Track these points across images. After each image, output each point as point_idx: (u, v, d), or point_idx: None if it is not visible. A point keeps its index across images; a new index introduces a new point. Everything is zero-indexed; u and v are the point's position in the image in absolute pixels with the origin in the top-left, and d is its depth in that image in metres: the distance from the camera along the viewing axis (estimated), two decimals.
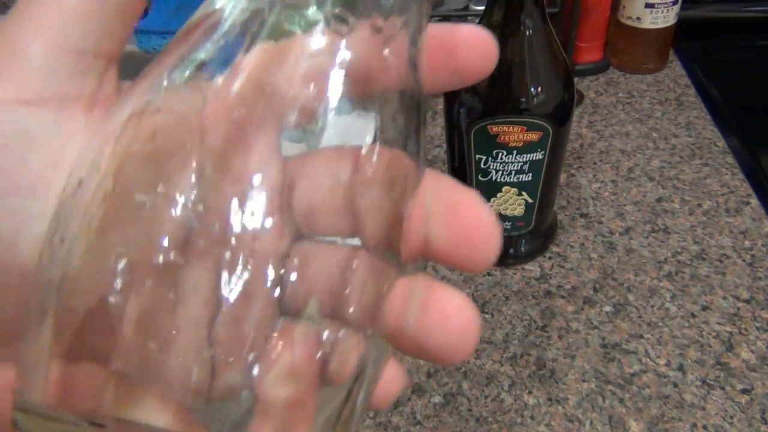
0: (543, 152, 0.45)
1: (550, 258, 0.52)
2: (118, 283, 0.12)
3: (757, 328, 0.45)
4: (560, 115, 0.44)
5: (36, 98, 0.13)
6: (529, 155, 0.45)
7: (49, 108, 0.13)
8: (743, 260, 0.51)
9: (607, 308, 0.48)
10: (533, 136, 0.44)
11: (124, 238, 0.12)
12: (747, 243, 0.52)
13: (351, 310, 0.13)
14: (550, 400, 0.42)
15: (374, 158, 0.14)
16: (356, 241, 0.14)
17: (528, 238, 0.51)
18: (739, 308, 0.47)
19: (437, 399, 0.42)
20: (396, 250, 0.14)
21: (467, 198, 0.15)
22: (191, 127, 0.13)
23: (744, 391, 0.42)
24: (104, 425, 0.11)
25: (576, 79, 0.70)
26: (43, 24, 0.14)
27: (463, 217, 0.15)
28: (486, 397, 0.42)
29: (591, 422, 0.40)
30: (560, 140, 0.45)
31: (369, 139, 0.14)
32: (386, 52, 0.14)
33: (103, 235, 0.12)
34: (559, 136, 0.44)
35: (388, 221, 0.14)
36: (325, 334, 0.13)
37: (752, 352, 0.44)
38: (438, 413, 0.42)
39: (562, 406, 0.42)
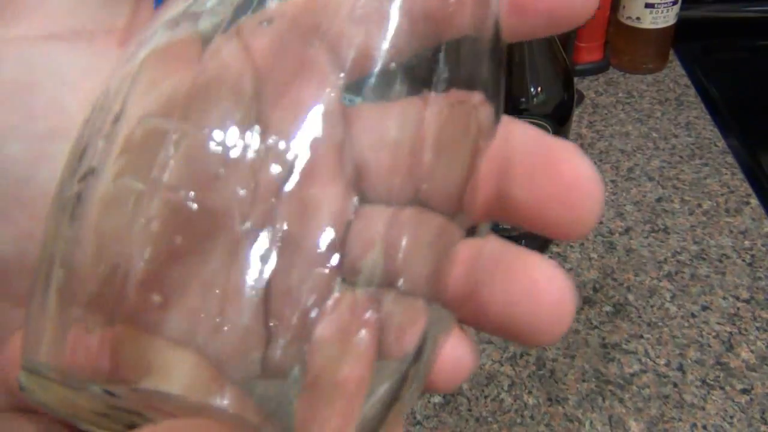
0: None
1: (550, 258, 0.52)
2: (151, 236, 0.10)
3: (757, 328, 0.45)
4: (560, 115, 0.44)
5: (66, 32, 0.12)
6: None
7: (81, 43, 0.12)
8: (743, 260, 0.51)
9: (607, 308, 0.48)
10: None
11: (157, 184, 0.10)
12: (747, 243, 0.52)
13: (410, 274, 0.11)
14: (549, 400, 0.42)
15: (441, 106, 0.12)
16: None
17: (528, 238, 0.51)
18: (739, 308, 0.47)
19: (437, 399, 0.42)
20: (462, 208, 0.12)
21: (561, 149, 0.13)
22: (237, 70, 0.11)
23: (744, 391, 0.42)
24: (116, 394, 0.10)
25: (576, 79, 0.70)
26: None
27: (556, 173, 0.12)
28: (486, 397, 0.42)
29: (591, 422, 0.40)
30: None
31: (435, 86, 0.12)
32: None
33: (129, 179, 0.11)
34: (559, 136, 0.44)
35: (454, 175, 0.12)
36: (384, 302, 0.11)
37: (752, 352, 0.44)
38: (438, 413, 0.42)
39: (562, 406, 0.41)
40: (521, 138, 0.13)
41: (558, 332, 0.12)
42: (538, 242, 0.52)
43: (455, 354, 0.13)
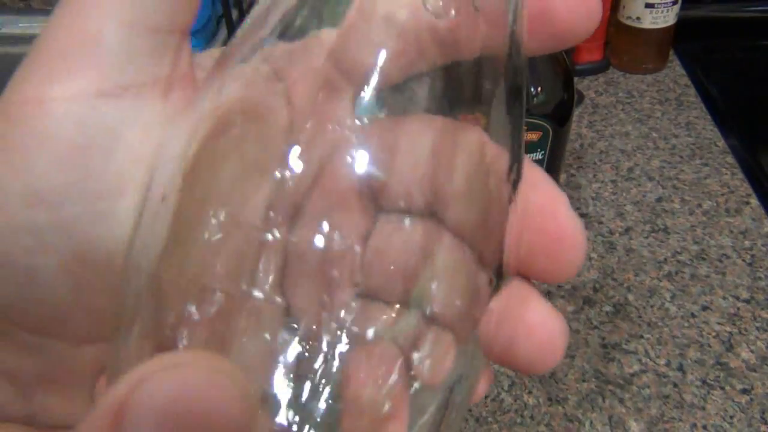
0: (543, 152, 0.45)
1: None
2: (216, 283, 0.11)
3: (757, 328, 0.45)
4: (560, 115, 0.44)
5: (115, 88, 0.12)
6: (529, 155, 0.45)
7: (128, 98, 0.13)
8: (743, 260, 0.51)
9: (607, 308, 0.48)
10: (533, 136, 0.44)
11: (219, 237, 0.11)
12: (747, 243, 0.52)
13: (449, 311, 0.12)
14: (549, 400, 0.42)
15: (465, 134, 0.12)
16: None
17: None
18: (739, 308, 0.47)
19: None
20: (500, 261, 0.13)
21: (551, 201, 0.14)
22: (274, 108, 0.12)
23: (744, 391, 0.42)
24: None
25: (576, 79, 0.70)
26: (114, 2, 0.12)
27: (544, 228, 0.14)
28: (486, 397, 0.42)
29: (591, 422, 0.40)
30: (560, 140, 0.45)
31: (459, 109, 0.13)
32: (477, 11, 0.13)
33: (195, 234, 0.12)
34: (559, 136, 0.44)
35: (477, 205, 0.13)
36: (421, 333, 0.12)
37: (752, 352, 0.44)
38: None
39: (562, 406, 0.41)
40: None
41: (550, 365, 0.14)
42: None
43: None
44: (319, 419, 0.11)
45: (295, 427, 0.11)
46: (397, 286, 0.12)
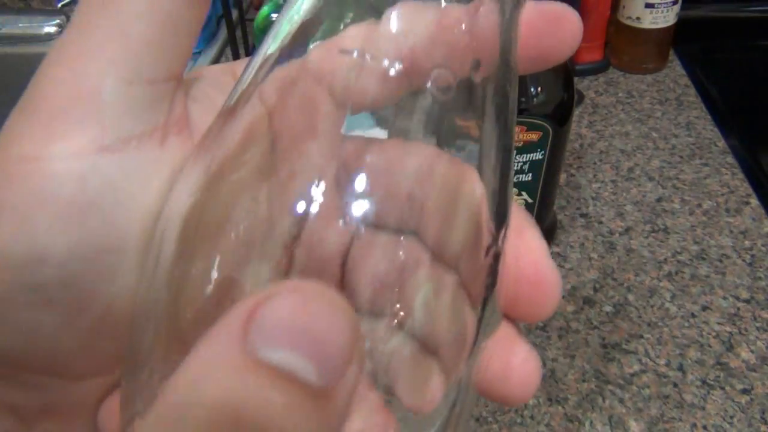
0: (543, 152, 0.45)
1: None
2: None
3: (757, 328, 0.45)
4: (560, 115, 0.44)
5: (116, 142, 0.12)
6: (529, 155, 0.45)
7: (129, 151, 0.13)
8: (743, 260, 0.51)
9: (607, 308, 0.48)
10: (533, 136, 0.44)
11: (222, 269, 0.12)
12: (747, 243, 0.52)
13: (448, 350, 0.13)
14: (550, 400, 0.42)
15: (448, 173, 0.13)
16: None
17: None
18: (739, 308, 0.47)
19: None
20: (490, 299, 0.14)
21: (534, 250, 0.15)
22: (261, 155, 0.13)
23: (744, 391, 0.42)
24: None
25: (576, 79, 0.70)
26: (111, 56, 0.12)
27: (524, 272, 0.15)
28: None
29: (591, 422, 0.40)
30: (560, 140, 0.45)
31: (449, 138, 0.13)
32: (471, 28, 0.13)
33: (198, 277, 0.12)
34: (559, 136, 0.44)
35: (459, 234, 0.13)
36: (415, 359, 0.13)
37: (752, 352, 0.44)
38: None
39: (562, 406, 0.41)
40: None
41: (526, 399, 0.15)
42: None
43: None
44: None
45: None
46: (392, 306, 0.13)
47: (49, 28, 0.69)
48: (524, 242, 0.15)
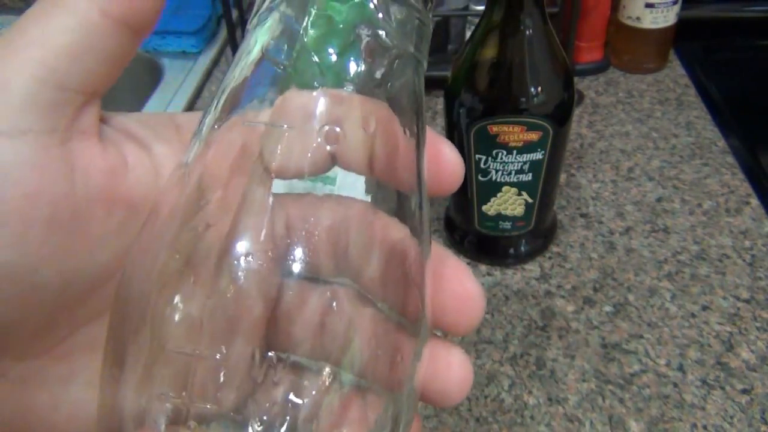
0: (543, 152, 0.45)
1: (550, 258, 0.52)
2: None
3: (757, 328, 0.45)
4: (560, 115, 0.44)
5: (13, 130, 0.13)
6: (529, 155, 0.45)
7: (26, 141, 0.13)
8: (743, 260, 0.51)
9: (607, 308, 0.48)
10: (533, 136, 0.44)
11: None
12: (747, 243, 0.52)
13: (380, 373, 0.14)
14: (550, 400, 0.42)
15: (376, 220, 0.15)
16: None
17: (528, 238, 0.51)
18: (739, 308, 0.47)
19: None
20: (416, 316, 0.15)
21: (459, 272, 0.17)
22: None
23: (744, 391, 0.42)
24: None
25: (576, 79, 0.70)
26: (29, 56, 0.14)
27: (455, 290, 0.17)
28: (486, 397, 0.42)
29: (591, 422, 0.40)
30: (560, 140, 0.45)
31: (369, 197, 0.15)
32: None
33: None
34: (559, 136, 0.44)
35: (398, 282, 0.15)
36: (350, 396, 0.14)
37: (752, 352, 0.44)
38: (438, 413, 0.42)
39: (562, 406, 0.42)
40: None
41: (460, 399, 0.17)
42: (538, 243, 0.52)
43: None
44: None
45: None
46: (326, 351, 0.14)
47: None
48: (447, 265, 0.17)
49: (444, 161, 0.17)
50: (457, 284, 0.17)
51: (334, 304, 0.14)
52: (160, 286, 0.13)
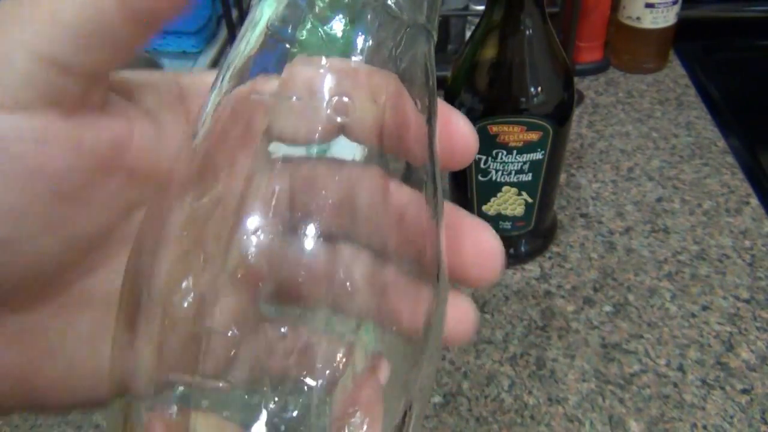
0: (543, 152, 0.45)
1: (550, 258, 0.52)
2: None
3: (757, 328, 0.45)
4: (560, 115, 0.44)
5: (12, 103, 0.13)
6: (529, 155, 0.45)
7: (29, 116, 0.13)
8: (743, 260, 0.51)
9: (607, 308, 0.48)
10: (533, 136, 0.44)
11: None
12: (747, 243, 0.52)
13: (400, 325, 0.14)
14: (550, 400, 0.42)
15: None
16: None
17: (528, 238, 0.51)
18: (739, 308, 0.47)
19: (437, 399, 0.42)
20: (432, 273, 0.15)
21: (479, 228, 0.17)
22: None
23: (744, 391, 0.42)
24: None
25: (576, 79, 0.70)
26: (35, 30, 0.13)
27: (468, 242, 0.17)
28: (486, 397, 0.42)
29: (591, 422, 0.40)
30: (560, 140, 0.45)
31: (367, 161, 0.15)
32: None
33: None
34: (559, 136, 0.44)
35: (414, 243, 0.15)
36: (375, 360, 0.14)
37: (752, 352, 0.44)
38: (438, 413, 0.42)
39: (562, 406, 0.41)
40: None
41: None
42: (538, 242, 0.52)
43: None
44: None
45: None
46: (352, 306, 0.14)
47: None
48: (465, 222, 0.17)
49: (457, 134, 0.17)
50: (476, 237, 0.17)
51: (349, 271, 0.14)
52: (170, 262, 0.13)
